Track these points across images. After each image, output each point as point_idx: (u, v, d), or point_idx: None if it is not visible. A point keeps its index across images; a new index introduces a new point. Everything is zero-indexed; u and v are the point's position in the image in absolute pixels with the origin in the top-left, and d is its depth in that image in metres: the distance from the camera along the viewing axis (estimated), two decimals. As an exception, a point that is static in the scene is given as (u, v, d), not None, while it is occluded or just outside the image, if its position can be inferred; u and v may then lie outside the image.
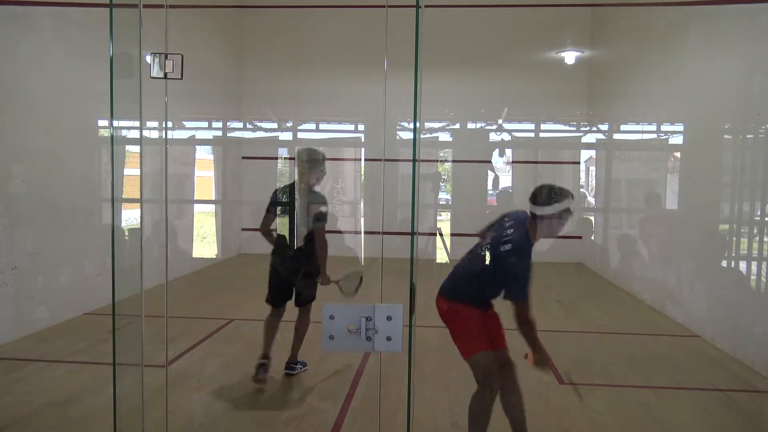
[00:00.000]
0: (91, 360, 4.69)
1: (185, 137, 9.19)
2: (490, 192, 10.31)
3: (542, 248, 3.79)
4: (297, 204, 4.31)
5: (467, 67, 9.80)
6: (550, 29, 9.82)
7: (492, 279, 3.01)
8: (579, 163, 10.29)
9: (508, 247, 2.91)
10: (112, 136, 2.59)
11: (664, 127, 7.53)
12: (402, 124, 9.54)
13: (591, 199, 10.28)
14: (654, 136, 7.99)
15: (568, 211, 2.95)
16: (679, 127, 6.98)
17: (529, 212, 3.01)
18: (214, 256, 9.61)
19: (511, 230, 2.97)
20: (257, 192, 10.58)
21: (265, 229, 4.36)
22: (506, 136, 10.68)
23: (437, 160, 10.57)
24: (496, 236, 3.01)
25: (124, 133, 2.89)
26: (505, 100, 10.26)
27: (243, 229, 10.51)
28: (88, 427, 3.57)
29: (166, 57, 2.30)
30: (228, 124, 10.34)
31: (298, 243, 4.39)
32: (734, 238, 5.31)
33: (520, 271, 2.89)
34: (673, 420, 3.86)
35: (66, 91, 5.86)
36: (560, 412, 3.84)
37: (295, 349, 4.45)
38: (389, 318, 1.81)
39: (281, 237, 4.40)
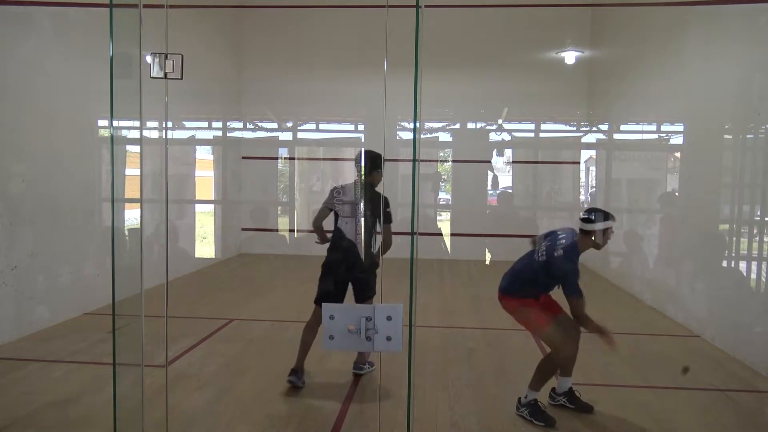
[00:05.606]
0: (91, 360, 4.69)
1: (185, 137, 9.18)
2: (490, 192, 10.31)
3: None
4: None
5: (467, 67, 9.80)
6: (550, 29, 9.82)
7: (546, 278, 3.73)
8: (579, 163, 10.29)
9: (560, 252, 3.63)
10: (112, 136, 2.60)
11: (664, 127, 7.53)
12: (402, 124, 9.55)
13: (583, 197, 10.29)
14: (654, 136, 7.98)
15: (610, 230, 3.70)
16: (679, 127, 6.97)
17: (578, 228, 3.72)
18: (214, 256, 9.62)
19: (563, 240, 3.70)
20: (257, 192, 10.64)
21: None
22: (506, 136, 10.68)
23: (437, 160, 10.57)
24: (550, 244, 3.71)
25: (124, 133, 2.90)
26: (505, 100, 10.26)
27: (243, 229, 10.52)
28: (88, 427, 3.57)
29: (166, 57, 2.30)
30: (228, 124, 10.34)
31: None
32: (734, 238, 5.31)
33: (569, 271, 3.59)
34: (673, 420, 3.86)
35: (66, 91, 5.86)
36: (560, 412, 3.84)
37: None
38: (389, 318, 1.81)
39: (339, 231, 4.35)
